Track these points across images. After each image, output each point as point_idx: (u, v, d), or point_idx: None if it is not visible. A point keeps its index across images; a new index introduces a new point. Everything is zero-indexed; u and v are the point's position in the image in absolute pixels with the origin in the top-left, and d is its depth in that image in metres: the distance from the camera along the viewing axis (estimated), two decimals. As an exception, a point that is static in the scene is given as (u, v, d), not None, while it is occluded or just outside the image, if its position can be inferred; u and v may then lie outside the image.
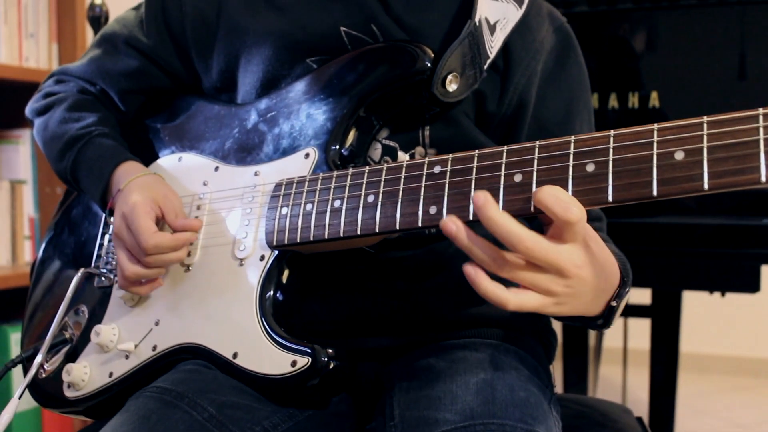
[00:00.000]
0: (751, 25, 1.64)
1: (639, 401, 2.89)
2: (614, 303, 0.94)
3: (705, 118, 0.77)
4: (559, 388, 1.18)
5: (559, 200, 0.80)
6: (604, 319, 0.96)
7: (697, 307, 3.25)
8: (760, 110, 0.75)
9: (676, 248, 1.67)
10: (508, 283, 0.84)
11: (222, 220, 1.11)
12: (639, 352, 2.99)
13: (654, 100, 1.70)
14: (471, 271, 0.83)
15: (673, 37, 1.72)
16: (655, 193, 0.79)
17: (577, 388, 2.29)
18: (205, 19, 1.20)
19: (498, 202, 0.86)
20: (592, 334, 2.57)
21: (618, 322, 3.20)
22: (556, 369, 1.21)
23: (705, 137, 0.77)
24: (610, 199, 0.81)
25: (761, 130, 0.74)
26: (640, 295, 2.49)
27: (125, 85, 1.26)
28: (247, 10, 1.17)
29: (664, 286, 2.05)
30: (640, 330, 2.67)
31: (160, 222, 1.10)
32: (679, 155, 0.78)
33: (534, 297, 0.85)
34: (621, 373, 3.00)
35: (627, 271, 1.00)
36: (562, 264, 0.82)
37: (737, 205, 1.63)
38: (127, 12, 1.29)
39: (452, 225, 0.83)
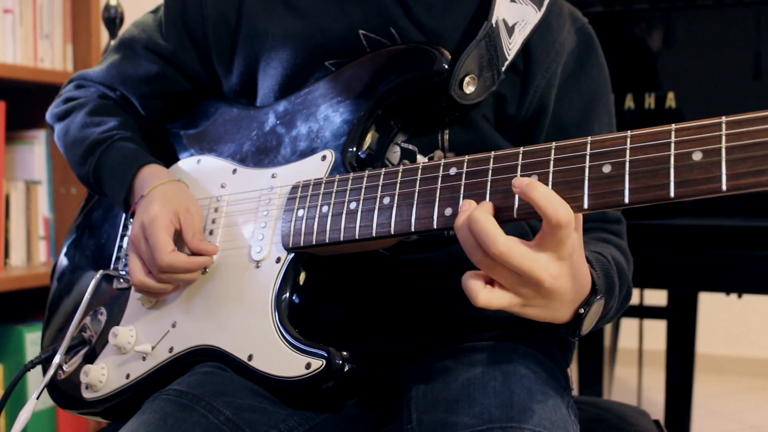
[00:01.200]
0: (767, 25, 1.63)
1: (654, 402, 2.88)
2: (582, 311, 0.91)
3: (723, 118, 0.76)
4: (574, 390, 1.17)
5: (548, 199, 0.79)
6: (573, 327, 0.93)
7: (714, 309, 3.23)
8: (781, 110, 0.74)
9: (692, 250, 1.66)
10: None
11: (239, 223, 1.11)
12: (654, 353, 2.98)
13: (670, 100, 1.69)
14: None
15: (689, 38, 1.71)
16: (672, 194, 0.77)
17: (592, 389, 2.28)
18: (226, 22, 1.19)
19: (513, 204, 0.85)
20: (607, 335, 2.56)
21: (633, 322, 3.18)
22: (571, 370, 1.20)
23: (723, 137, 0.75)
24: (626, 200, 0.79)
25: (781, 131, 0.73)
26: (656, 297, 2.48)
27: (146, 91, 1.26)
28: (267, 12, 1.17)
29: (681, 288, 2.04)
30: (656, 331, 2.66)
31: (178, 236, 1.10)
32: (697, 156, 0.76)
33: (504, 296, 0.84)
34: (636, 374, 2.99)
35: (611, 282, 0.99)
36: (536, 273, 0.81)
37: (753, 206, 1.62)
38: (145, 15, 1.29)
39: (470, 202, 0.85)
